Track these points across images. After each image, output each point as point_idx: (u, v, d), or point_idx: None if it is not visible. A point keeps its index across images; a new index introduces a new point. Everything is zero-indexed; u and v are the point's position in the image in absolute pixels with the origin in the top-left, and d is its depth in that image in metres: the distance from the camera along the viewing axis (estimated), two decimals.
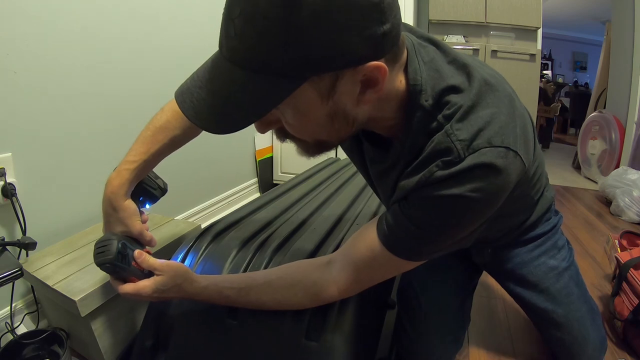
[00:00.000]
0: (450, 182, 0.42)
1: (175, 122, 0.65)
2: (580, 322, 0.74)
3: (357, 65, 0.36)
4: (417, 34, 0.50)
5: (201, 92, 0.38)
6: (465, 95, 0.44)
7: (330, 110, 0.40)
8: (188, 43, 1.47)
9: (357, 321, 0.59)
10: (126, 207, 0.62)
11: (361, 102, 0.40)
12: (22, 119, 0.92)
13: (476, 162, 0.41)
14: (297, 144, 0.47)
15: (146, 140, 0.64)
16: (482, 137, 0.42)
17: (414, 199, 0.46)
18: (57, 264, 0.85)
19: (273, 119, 0.43)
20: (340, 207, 0.92)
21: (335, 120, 0.41)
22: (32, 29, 0.92)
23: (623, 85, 2.55)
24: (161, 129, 0.65)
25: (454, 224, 0.46)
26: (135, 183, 0.64)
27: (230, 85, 0.37)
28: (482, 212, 0.46)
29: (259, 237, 0.73)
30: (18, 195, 0.89)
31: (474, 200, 0.42)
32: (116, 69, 1.17)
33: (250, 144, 2.05)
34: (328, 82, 0.37)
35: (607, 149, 2.55)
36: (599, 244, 1.61)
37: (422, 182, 0.44)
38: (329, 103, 0.39)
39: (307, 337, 0.57)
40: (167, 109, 0.66)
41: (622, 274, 1.02)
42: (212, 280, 0.60)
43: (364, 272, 0.54)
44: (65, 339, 0.81)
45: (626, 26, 2.54)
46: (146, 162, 0.63)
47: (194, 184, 1.62)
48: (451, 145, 0.42)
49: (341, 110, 0.40)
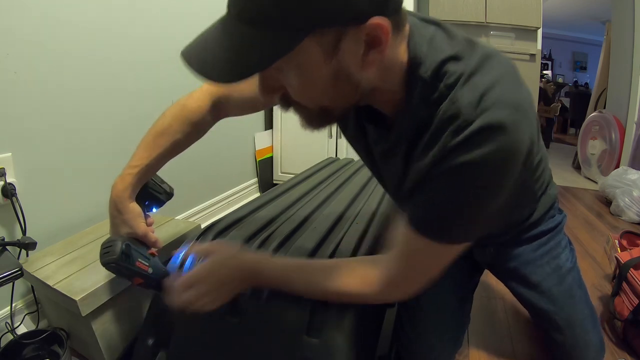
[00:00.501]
0: (464, 148, 0.41)
1: (176, 126, 0.66)
2: (583, 325, 0.73)
3: (360, 21, 0.36)
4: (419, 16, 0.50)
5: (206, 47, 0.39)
6: (466, 62, 0.44)
7: (333, 70, 0.39)
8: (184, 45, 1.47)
9: (357, 318, 0.59)
10: (131, 209, 0.64)
11: (365, 63, 0.40)
12: (22, 119, 0.92)
13: (486, 123, 0.40)
14: (300, 113, 0.46)
15: (148, 146, 0.66)
16: (488, 99, 0.41)
17: (434, 175, 0.45)
18: (57, 264, 0.85)
19: (277, 84, 0.43)
20: (341, 205, 0.92)
21: (338, 81, 0.41)
22: (32, 29, 0.92)
23: (623, 85, 2.55)
24: (162, 134, 0.66)
25: (479, 195, 0.45)
26: (138, 186, 0.66)
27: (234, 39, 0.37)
28: (502, 180, 0.44)
29: (260, 236, 0.73)
30: (18, 195, 0.89)
31: (491, 165, 0.42)
32: (116, 69, 1.17)
33: (250, 144, 2.05)
34: (332, 38, 0.37)
35: (607, 149, 2.56)
36: (599, 244, 1.61)
37: (438, 156, 0.44)
38: (333, 62, 0.39)
39: (308, 333, 0.57)
40: (168, 114, 0.68)
41: (622, 274, 1.02)
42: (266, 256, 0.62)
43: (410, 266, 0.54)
44: (66, 338, 0.81)
45: (626, 26, 2.54)
46: (148, 167, 0.65)
47: (194, 184, 1.62)
48: (458, 111, 0.42)
49: (345, 70, 0.40)
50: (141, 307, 0.89)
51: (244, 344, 0.61)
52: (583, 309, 0.74)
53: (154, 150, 0.65)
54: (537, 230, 0.75)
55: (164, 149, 0.66)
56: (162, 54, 1.34)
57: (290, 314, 0.58)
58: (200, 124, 0.69)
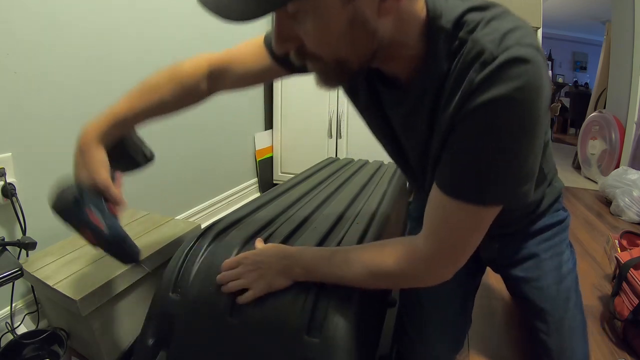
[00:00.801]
0: (492, 83, 0.40)
1: (166, 85, 0.63)
2: (573, 332, 0.72)
3: None
4: None
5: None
6: (484, 12, 0.44)
7: (350, 15, 0.39)
8: (194, 45, 1.47)
9: (358, 318, 0.59)
10: (94, 154, 0.58)
11: (381, 11, 0.40)
12: (22, 119, 0.92)
13: (510, 56, 0.39)
14: (315, 67, 0.45)
15: (132, 97, 0.62)
16: (510, 38, 0.41)
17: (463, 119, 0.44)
18: (57, 264, 0.85)
19: (292, 33, 0.42)
20: (341, 205, 0.92)
21: (355, 28, 0.40)
22: (32, 29, 0.92)
23: (623, 85, 2.55)
24: (150, 90, 0.63)
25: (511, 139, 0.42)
26: (111, 135, 0.61)
27: None
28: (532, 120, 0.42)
29: (260, 236, 0.73)
30: (18, 195, 0.89)
31: (520, 100, 0.40)
32: (117, 69, 1.17)
33: (250, 144, 2.05)
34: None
35: (607, 149, 2.56)
36: (599, 244, 1.61)
37: (465, 96, 0.42)
38: (349, 6, 0.39)
39: (308, 333, 0.57)
40: (162, 72, 0.64)
41: (622, 274, 1.02)
42: None
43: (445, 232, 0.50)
44: (66, 338, 0.81)
45: (626, 26, 2.54)
46: (126, 117, 0.61)
47: (194, 184, 1.62)
48: (481, 48, 0.41)
49: (361, 16, 0.40)
50: (141, 307, 0.89)
51: (244, 344, 0.61)
52: (576, 315, 0.73)
53: (137, 103, 0.61)
54: (543, 224, 0.75)
55: (149, 104, 0.62)
56: (162, 54, 1.34)
57: (291, 314, 0.59)
58: (192, 90, 0.66)
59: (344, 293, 0.59)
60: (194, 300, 0.65)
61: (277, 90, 2.11)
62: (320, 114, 2.03)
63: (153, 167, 1.34)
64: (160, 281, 0.70)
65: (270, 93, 2.13)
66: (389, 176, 1.25)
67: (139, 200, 1.29)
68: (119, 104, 0.61)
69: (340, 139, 2.01)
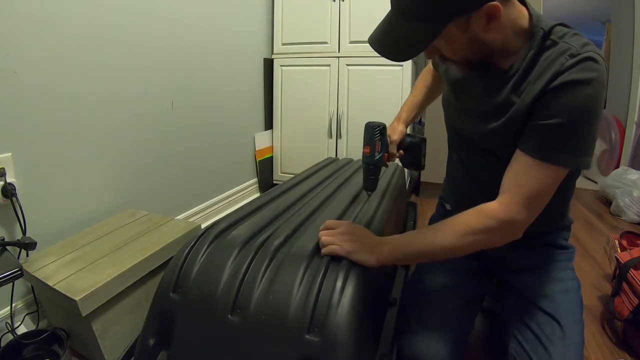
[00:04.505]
0: (577, 67, 0.57)
1: (426, 85, 1.00)
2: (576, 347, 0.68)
3: (479, 6, 0.55)
4: None
5: (384, 36, 0.60)
6: (570, 29, 0.63)
7: (469, 38, 0.59)
8: (188, 43, 1.47)
9: (359, 317, 0.59)
10: (396, 124, 0.94)
11: (488, 30, 0.58)
12: (22, 119, 0.92)
13: (588, 55, 0.57)
14: (454, 65, 0.68)
15: (413, 93, 1.01)
16: (588, 46, 0.59)
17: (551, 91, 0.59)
18: (57, 264, 0.85)
19: (435, 48, 0.63)
20: (341, 205, 0.92)
21: (473, 44, 0.60)
22: (32, 29, 0.92)
23: (623, 85, 2.55)
24: (420, 88, 1.00)
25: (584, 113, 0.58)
26: (407, 121, 0.95)
27: (401, 31, 0.58)
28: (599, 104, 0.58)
29: (260, 236, 0.73)
30: (18, 195, 0.89)
31: (593, 86, 0.56)
32: (117, 70, 1.17)
33: (250, 144, 2.05)
34: (464, 20, 0.56)
35: (607, 149, 2.56)
36: (599, 244, 1.61)
37: (556, 73, 0.58)
38: (467, 33, 0.58)
39: (309, 332, 0.57)
40: (423, 78, 1.01)
41: (622, 274, 1.02)
42: None
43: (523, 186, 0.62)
44: (66, 339, 0.81)
45: (626, 26, 2.54)
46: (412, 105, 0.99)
47: (194, 184, 1.62)
48: (570, 47, 0.59)
49: (476, 37, 0.58)
50: (141, 307, 0.89)
51: (245, 344, 0.61)
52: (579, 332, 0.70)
53: (418, 96, 1.00)
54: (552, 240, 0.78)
55: (424, 96, 1.00)
56: (161, 56, 1.35)
57: (292, 313, 0.59)
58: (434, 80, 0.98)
59: (344, 293, 0.59)
60: (195, 300, 0.65)
61: (277, 91, 2.11)
62: (320, 114, 2.03)
63: (153, 167, 1.34)
64: (160, 281, 0.70)
65: (270, 93, 2.13)
66: (389, 176, 1.25)
67: (139, 200, 1.30)
68: (408, 99, 1.00)
69: (340, 139, 2.01)
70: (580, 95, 0.57)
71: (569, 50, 0.59)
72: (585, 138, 0.59)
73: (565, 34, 0.61)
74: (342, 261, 0.65)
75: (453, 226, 0.65)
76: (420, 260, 0.82)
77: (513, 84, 0.65)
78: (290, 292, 0.61)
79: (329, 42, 1.95)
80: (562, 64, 0.58)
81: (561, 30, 0.62)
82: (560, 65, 0.58)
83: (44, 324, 0.95)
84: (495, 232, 0.63)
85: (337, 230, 0.70)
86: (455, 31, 0.57)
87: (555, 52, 0.60)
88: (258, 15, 1.99)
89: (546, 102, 0.60)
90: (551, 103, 0.59)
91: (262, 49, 2.06)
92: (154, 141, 1.34)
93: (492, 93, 0.69)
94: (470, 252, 0.66)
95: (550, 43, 0.61)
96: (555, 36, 0.61)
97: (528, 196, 0.61)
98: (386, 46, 0.60)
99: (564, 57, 0.58)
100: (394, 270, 1.05)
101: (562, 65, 0.58)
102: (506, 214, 0.62)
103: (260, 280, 0.63)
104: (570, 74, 0.57)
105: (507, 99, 0.66)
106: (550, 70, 0.59)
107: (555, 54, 0.60)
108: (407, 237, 0.70)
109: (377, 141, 0.79)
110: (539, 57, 0.62)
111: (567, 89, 0.57)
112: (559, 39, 0.61)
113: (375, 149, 0.79)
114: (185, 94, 1.48)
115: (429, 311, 0.78)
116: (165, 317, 0.67)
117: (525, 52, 0.63)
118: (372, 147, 0.79)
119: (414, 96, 1.00)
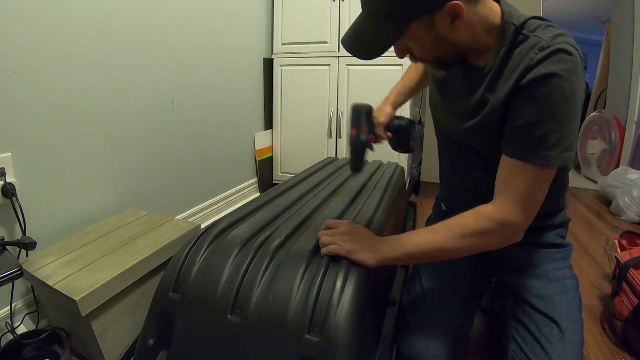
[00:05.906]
0: (547, 61, 0.56)
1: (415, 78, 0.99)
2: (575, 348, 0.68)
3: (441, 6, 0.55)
4: None
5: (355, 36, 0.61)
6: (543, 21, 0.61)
7: (435, 37, 0.59)
8: (188, 43, 1.47)
9: (359, 317, 0.59)
10: (384, 107, 0.92)
11: (453, 29, 0.58)
12: (22, 119, 0.92)
13: (559, 47, 0.56)
14: (425, 63, 0.68)
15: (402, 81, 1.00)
16: (560, 39, 0.57)
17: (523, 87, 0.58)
18: (57, 264, 0.85)
19: (404, 48, 0.64)
20: (341, 205, 0.92)
21: (440, 43, 0.60)
22: (32, 29, 0.92)
23: (623, 85, 2.55)
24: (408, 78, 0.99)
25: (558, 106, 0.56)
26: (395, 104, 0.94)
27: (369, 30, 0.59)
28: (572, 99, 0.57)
29: (260, 237, 0.73)
30: (18, 195, 0.89)
31: (567, 79, 0.55)
32: (117, 70, 1.17)
33: (250, 144, 2.05)
34: (428, 20, 0.57)
35: (607, 149, 2.56)
36: (599, 244, 1.61)
37: (527, 69, 0.58)
38: (433, 33, 0.58)
39: (309, 332, 0.57)
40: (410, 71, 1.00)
41: (622, 274, 1.02)
42: None
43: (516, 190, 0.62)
44: (66, 339, 0.81)
45: (626, 26, 2.54)
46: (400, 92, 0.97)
47: (194, 184, 1.62)
48: (540, 40, 0.58)
49: (442, 36, 0.59)
50: (141, 307, 0.89)
51: (245, 344, 0.61)
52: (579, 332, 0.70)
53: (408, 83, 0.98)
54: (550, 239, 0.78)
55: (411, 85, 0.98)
56: (161, 56, 1.35)
57: (292, 313, 0.59)
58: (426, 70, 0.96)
59: (344, 293, 0.59)
60: (195, 300, 0.65)
61: (277, 91, 2.11)
62: (320, 114, 2.03)
63: (153, 167, 1.34)
64: (160, 281, 0.70)
65: (270, 93, 2.13)
66: (389, 176, 1.25)
67: (139, 200, 1.30)
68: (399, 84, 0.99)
69: (340, 139, 2.01)
70: (553, 89, 0.56)
71: (539, 44, 0.57)
72: (565, 132, 0.58)
73: (537, 27, 0.60)
74: (342, 261, 0.65)
75: (452, 227, 0.65)
76: (421, 260, 0.80)
77: (488, 82, 0.65)
78: (290, 292, 0.61)
79: (329, 42, 1.95)
80: (532, 58, 0.57)
81: (534, 24, 0.61)
82: (530, 60, 0.57)
83: (44, 324, 0.95)
84: (494, 234, 0.63)
85: (337, 230, 0.70)
86: (421, 31, 0.58)
87: (525, 47, 0.59)
88: (258, 15, 1.99)
89: (520, 99, 0.59)
90: (525, 100, 0.59)
91: (262, 49, 2.06)
92: (154, 141, 1.34)
93: (471, 92, 0.69)
94: (471, 254, 0.66)
95: (522, 38, 0.61)
96: (527, 30, 0.60)
97: (521, 197, 0.61)
98: (355, 45, 0.61)
99: (534, 52, 0.57)
100: (394, 271, 1.04)
101: (532, 60, 0.57)
102: (502, 216, 0.62)
103: (260, 280, 0.63)
104: (541, 68, 0.56)
105: (483, 97, 0.66)
106: (521, 65, 0.59)
107: (526, 49, 0.59)
108: (407, 237, 0.69)
109: (362, 123, 0.78)
110: (511, 53, 0.61)
111: (539, 84, 0.56)
112: (531, 32, 0.60)
113: (361, 131, 0.78)
114: (186, 94, 1.48)
115: (427, 311, 0.78)
116: (165, 317, 0.67)
117: (498, 49, 0.63)
118: (358, 129, 0.78)
119: (405, 81, 0.99)
